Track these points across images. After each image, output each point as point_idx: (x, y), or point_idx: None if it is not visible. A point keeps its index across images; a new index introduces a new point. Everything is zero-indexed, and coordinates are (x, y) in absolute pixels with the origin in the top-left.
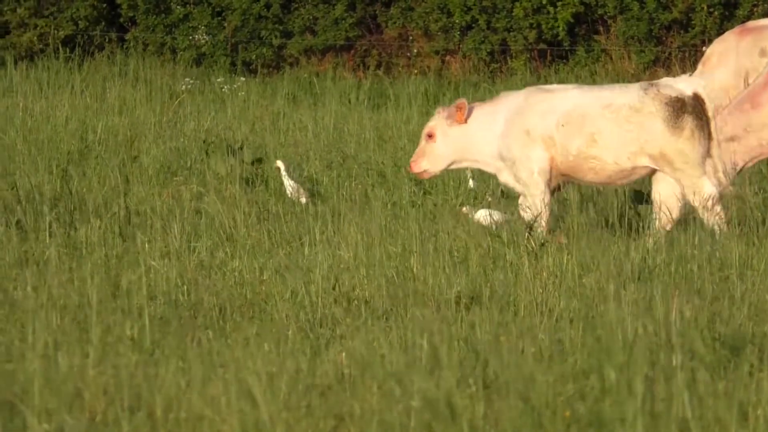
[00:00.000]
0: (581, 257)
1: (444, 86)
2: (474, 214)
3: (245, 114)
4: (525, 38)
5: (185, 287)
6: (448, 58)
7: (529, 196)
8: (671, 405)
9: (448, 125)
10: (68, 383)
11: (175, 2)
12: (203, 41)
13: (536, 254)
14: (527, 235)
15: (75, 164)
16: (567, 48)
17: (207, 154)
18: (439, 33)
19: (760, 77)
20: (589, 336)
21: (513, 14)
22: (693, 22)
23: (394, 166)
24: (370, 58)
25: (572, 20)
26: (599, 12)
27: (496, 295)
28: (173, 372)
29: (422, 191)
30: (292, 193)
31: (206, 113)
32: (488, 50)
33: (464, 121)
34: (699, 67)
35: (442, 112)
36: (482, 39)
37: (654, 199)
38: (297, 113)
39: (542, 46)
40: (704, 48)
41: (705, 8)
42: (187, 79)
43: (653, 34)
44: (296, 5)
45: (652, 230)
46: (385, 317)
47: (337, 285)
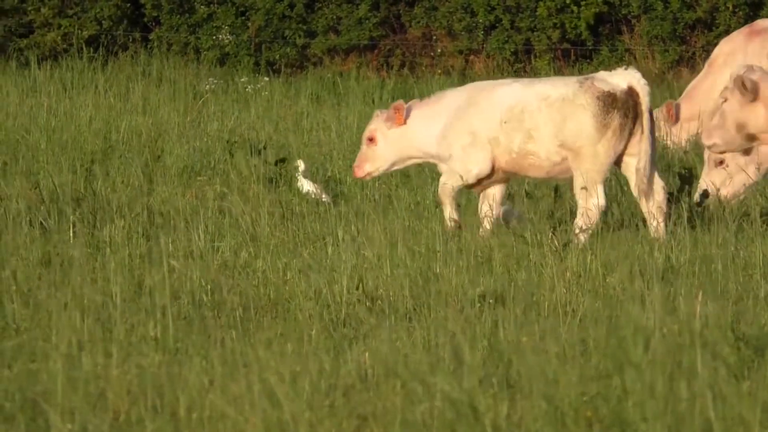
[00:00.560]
0: (605, 257)
1: None
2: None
3: (269, 114)
4: (549, 38)
5: (209, 287)
6: (472, 58)
7: (446, 180)
8: (694, 405)
9: (388, 128)
10: (92, 383)
11: (199, 2)
12: (227, 41)
13: (560, 254)
14: (551, 235)
15: (98, 164)
16: (591, 47)
17: (230, 154)
18: (463, 32)
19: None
20: (613, 336)
21: (537, 14)
22: (717, 22)
23: (418, 166)
24: (394, 58)
25: (595, 20)
26: (623, 11)
27: (520, 295)
28: (197, 372)
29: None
30: (311, 192)
31: (230, 113)
32: (512, 50)
33: (404, 122)
34: (705, 68)
35: (381, 116)
36: (506, 38)
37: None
38: (320, 113)
39: (566, 46)
40: None
41: (730, 7)
42: (211, 79)
43: (677, 34)
44: (320, 5)
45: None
46: (409, 317)
47: (361, 285)
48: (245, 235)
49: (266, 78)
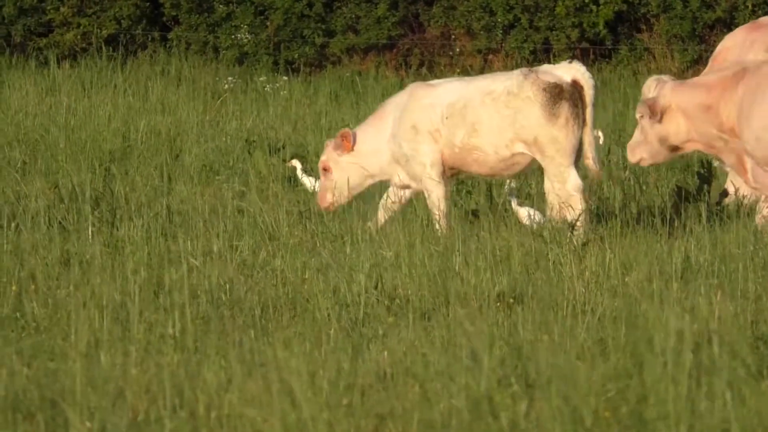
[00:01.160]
0: (624, 256)
1: None
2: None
3: (287, 113)
4: (567, 37)
5: (227, 286)
6: (491, 57)
7: (427, 192)
8: (713, 405)
9: (339, 155)
10: (110, 382)
11: (218, 1)
12: (246, 40)
13: (579, 253)
14: (569, 234)
15: (117, 163)
16: (610, 47)
17: (249, 153)
18: (482, 32)
19: None
20: (632, 336)
21: (555, 13)
22: (736, 21)
23: None
24: (413, 57)
25: (614, 19)
26: (642, 10)
27: (539, 295)
28: (215, 371)
29: (465, 190)
30: (315, 188)
31: (248, 112)
32: (531, 49)
33: (352, 148)
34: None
35: (330, 145)
36: (525, 38)
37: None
38: (339, 112)
39: (585, 45)
40: None
41: (749, 6)
42: (230, 78)
43: (696, 33)
44: (339, 4)
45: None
46: (427, 316)
47: (379, 284)
48: (264, 235)
49: (285, 77)
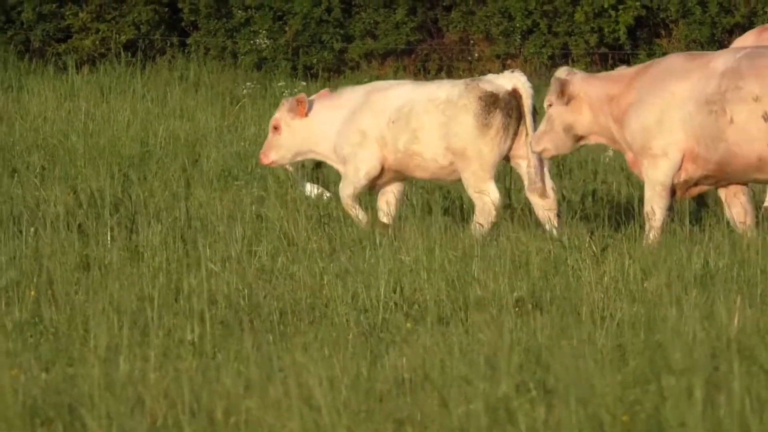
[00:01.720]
0: (643, 262)
1: None
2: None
3: None
4: (586, 42)
5: (246, 292)
6: (509, 62)
7: (343, 186)
8: (732, 411)
9: (291, 118)
10: (129, 387)
11: (237, 6)
12: (264, 45)
13: (598, 259)
14: (588, 240)
15: (136, 168)
16: (629, 52)
17: None
18: (500, 37)
19: None
20: (650, 341)
21: (574, 18)
22: (755, 26)
23: None
24: (431, 62)
25: (634, 24)
26: (661, 15)
27: (557, 300)
28: (233, 376)
29: None
30: (313, 193)
31: (267, 117)
32: (549, 54)
33: (305, 115)
34: None
35: (286, 105)
36: (543, 43)
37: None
38: None
39: (603, 50)
40: None
41: None
42: (248, 84)
43: (715, 38)
44: (357, 9)
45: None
46: (446, 322)
47: (398, 289)
48: (282, 240)
49: (303, 82)
